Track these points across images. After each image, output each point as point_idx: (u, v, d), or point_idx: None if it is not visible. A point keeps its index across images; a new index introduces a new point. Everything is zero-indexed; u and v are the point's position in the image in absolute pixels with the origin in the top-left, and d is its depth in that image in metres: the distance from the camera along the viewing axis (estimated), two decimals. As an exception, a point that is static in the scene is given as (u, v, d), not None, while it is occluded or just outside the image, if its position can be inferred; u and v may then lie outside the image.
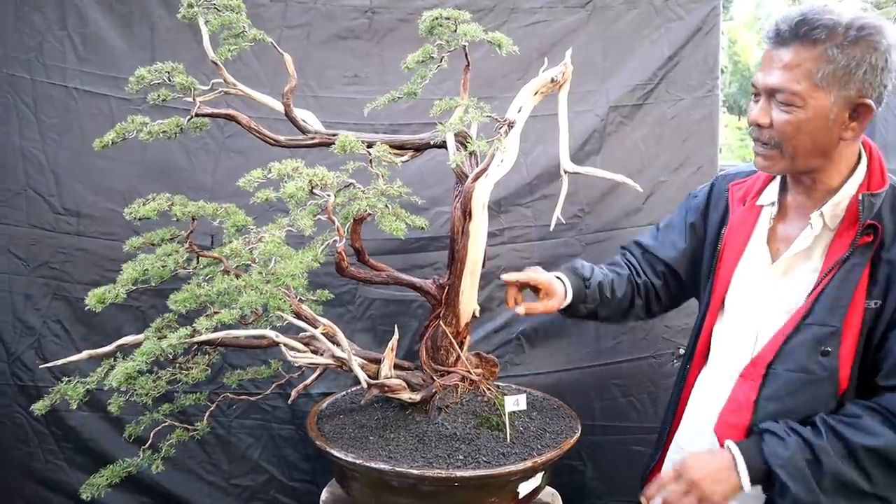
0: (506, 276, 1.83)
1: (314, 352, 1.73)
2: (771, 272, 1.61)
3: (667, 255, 1.89)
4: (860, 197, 1.48)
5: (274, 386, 1.93)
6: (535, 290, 1.85)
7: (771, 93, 1.46)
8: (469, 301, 1.83)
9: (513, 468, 1.64)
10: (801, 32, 1.42)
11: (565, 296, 1.83)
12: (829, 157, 1.50)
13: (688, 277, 1.88)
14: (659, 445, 1.87)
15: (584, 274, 1.88)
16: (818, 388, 1.50)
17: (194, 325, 1.50)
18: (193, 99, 1.71)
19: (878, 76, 1.41)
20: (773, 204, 1.65)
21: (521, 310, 1.82)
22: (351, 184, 1.66)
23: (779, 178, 1.66)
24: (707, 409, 1.70)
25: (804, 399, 1.51)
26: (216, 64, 1.72)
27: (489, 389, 1.89)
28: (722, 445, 1.53)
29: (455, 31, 1.77)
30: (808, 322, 1.49)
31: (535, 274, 1.83)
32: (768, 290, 1.61)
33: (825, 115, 1.43)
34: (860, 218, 1.47)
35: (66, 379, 1.61)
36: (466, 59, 1.79)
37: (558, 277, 1.86)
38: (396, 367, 1.82)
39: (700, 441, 1.70)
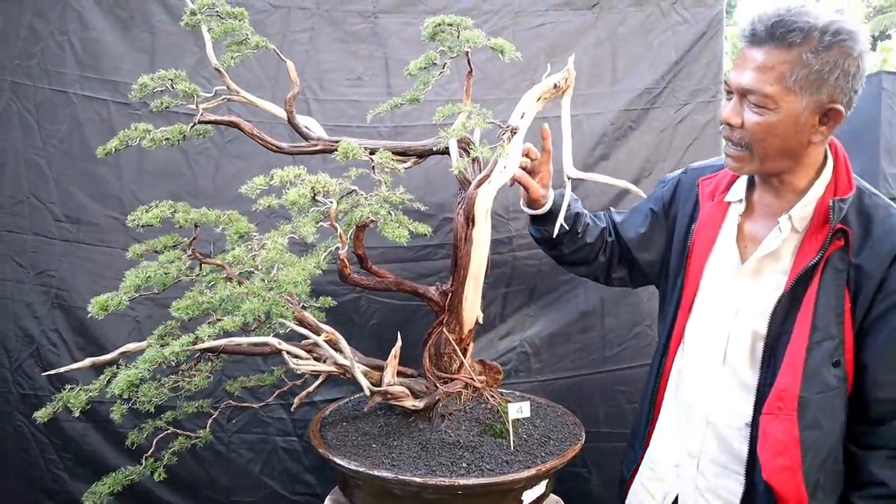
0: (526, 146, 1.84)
1: (317, 359, 1.72)
2: (741, 271, 1.63)
3: (626, 236, 1.93)
4: (830, 203, 1.49)
5: (276, 394, 1.92)
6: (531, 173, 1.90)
7: (743, 93, 1.46)
8: (472, 308, 1.82)
9: (517, 476, 1.63)
10: (777, 34, 1.41)
11: (546, 201, 1.89)
12: (797, 159, 1.51)
13: (644, 263, 1.92)
14: (638, 441, 1.87)
15: (569, 202, 1.90)
16: (836, 399, 1.52)
17: (197, 332, 1.49)
18: (196, 106, 1.70)
19: (850, 82, 1.42)
20: (740, 201, 1.66)
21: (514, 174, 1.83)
22: (353, 190, 1.65)
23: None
24: (680, 411, 1.74)
25: (832, 416, 1.53)
26: (219, 71, 1.71)
27: (493, 396, 1.88)
28: (780, 493, 1.52)
29: (458, 37, 1.76)
30: (817, 339, 1.50)
31: (538, 151, 1.87)
32: (738, 290, 1.63)
33: (796, 118, 1.43)
34: (830, 221, 1.48)
35: (69, 387, 1.61)
36: (469, 65, 1.79)
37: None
38: (399, 374, 1.82)
39: (675, 441, 1.74)
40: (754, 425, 1.57)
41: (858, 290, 1.49)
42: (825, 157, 1.56)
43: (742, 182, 1.68)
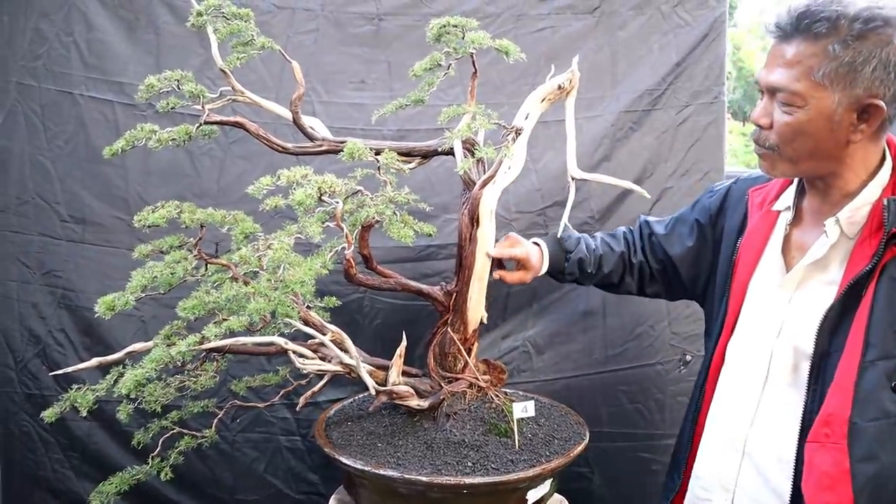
0: (490, 252, 1.82)
1: (322, 359, 1.73)
2: (784, 283, 1.49)
3: (672, 250, 1.83)
4: (885, 202, 1.34)
5: (281, 394, 1.93)
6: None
7: (772, 91, 1.37)
8: (477, 308, 1.84)
9: (521, 475, 1.63)
10: (802, 26, 1.31)
11: (542, 266, 1.88)
12: (839, 160, 1.39)
13: (687, 278, 1.82)
14: (676, 469, 1.75)
15: (566, 247, 1.89)
16: None
17: (203, 332, 1.50)
18: (202, 107, 1.71)
19: (892, 73, 1.28)
20: (788, 209, 1.54)
21: (496, 275, 1.87)
22: (359, 191, 1.66)
23: (796, 180, 1.55)
24: (724, 434, 1.59)
25: (893, 448, 1.31)
26: (225, 72, 1.72)
27: (497, 396, 1.89)
28: None
29: (462, 38, 1.77)
30: (871, 358, 1.32)
31: (514, 250, 1.86)
32: (783, 304, 1.49)
33: (828, 116, 1.32)
34: (885, 226, 1.33)
35: (76, 386, 1.61)
36: (474, 66, 1.80)
37: (538, 244, 1.89)
38: (404, 373, 1.82)
39: (718, 469, 1.59)
40: (799, 459, 1.40)
41: None
42: (883, 157, 1.41)
43: (791, 189, 1.55)
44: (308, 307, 1.82)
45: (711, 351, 1.66)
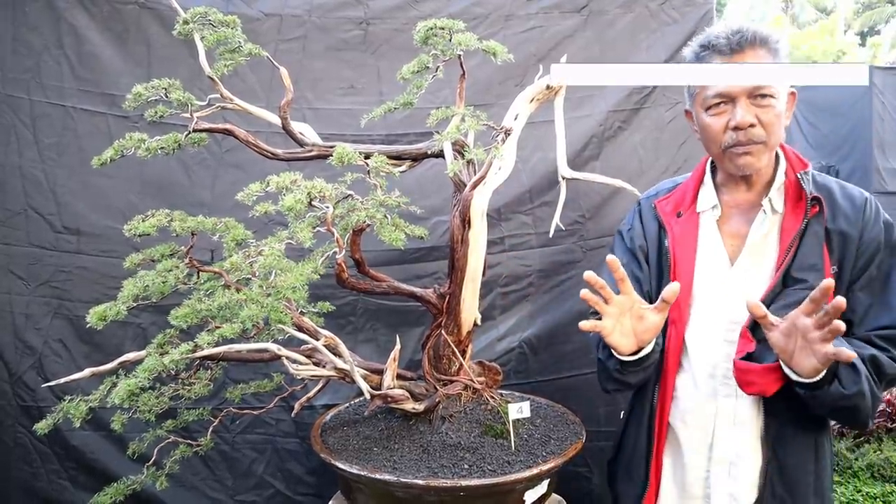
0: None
1: (316, 364, 1.73)
2: (738, 264, 1.64)
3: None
4: (799, 175, 1.62)
5: (277, 399, 1.93)
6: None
7: (751, 93, 1.56)
8: (470, 309, 1.83)
9: (518, 476, 1.63)
10: (748, 38, 1.57)
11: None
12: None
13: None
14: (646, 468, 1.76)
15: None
16: None
17: (196, 340, 1.50)
18: (191, 114, 1.71)
19: None
20: (714, 207, 1.70)
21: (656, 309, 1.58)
22: (349, 195, 1.66)
23: (710, 182, 1.73)
24: (699, 427, 1.66)
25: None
26: (213, 79, 1.72)
27: (492, 397, 1.88)
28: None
29: (450, 40, 1.77)
30: (792, 287, 1.54)
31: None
32: (737, 283, 1.64)
33: (785, 100, 1.59)
34: (805, 192, 1.59)
35: (69, 397, 1.61)
36: (462, 68, 1.80)
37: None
38: (399, 377, 1.82)
39: (698, 462, 1.67)
40: (766, 457, 1.59)
41: (844, 251, 1.56)
42: None
43: (709, 191, 1.72)
44: (301, 313, 1.81)
45: (662, 349, 1.65)
